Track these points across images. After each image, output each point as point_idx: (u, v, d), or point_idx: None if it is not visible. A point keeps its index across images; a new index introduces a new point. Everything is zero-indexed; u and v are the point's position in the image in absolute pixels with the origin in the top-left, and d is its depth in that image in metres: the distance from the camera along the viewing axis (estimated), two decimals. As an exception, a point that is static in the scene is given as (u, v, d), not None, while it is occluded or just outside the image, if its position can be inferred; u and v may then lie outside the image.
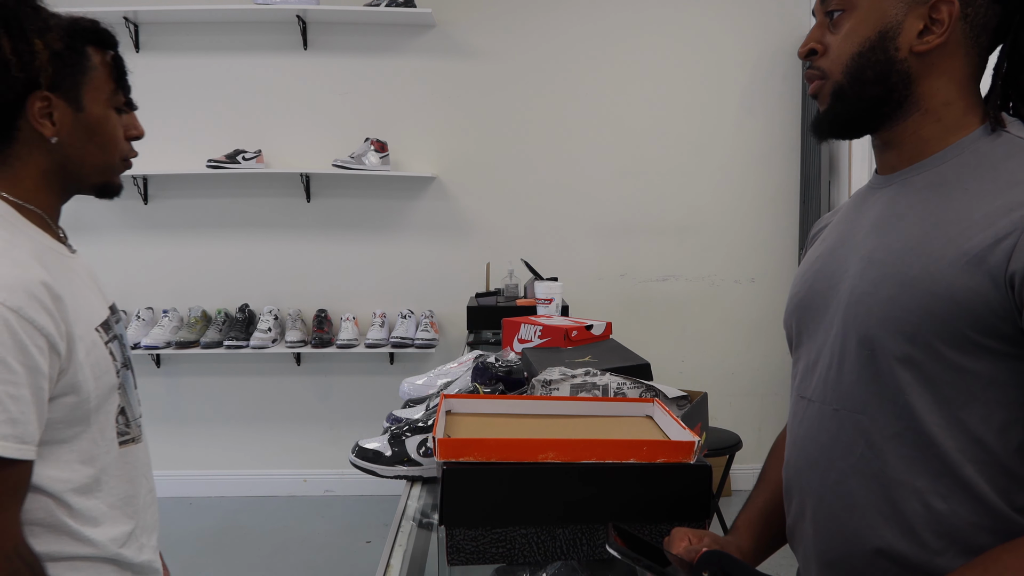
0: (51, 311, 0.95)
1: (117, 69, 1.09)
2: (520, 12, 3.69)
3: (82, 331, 1.00)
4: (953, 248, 0.76)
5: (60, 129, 1.03)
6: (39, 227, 1.06)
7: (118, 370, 1.08)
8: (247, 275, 3.77)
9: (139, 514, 1.12)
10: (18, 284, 0.92)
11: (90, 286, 1.10)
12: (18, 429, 0.91)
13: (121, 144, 1.11)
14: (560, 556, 1.01)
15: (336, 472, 3.81)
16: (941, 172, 0.83)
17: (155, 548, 1.18)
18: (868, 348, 0.81)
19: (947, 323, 0.75)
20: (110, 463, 1.07)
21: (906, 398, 0.78)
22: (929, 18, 0.82)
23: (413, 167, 3.73)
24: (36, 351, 0.92)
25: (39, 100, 1.01)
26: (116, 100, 1.09)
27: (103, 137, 1.08)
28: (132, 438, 1.12)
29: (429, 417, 1.41)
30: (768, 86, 3.71)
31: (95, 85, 1.06)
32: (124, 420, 1.10)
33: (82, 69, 1.04)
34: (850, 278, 0.86)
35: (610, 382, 1.37)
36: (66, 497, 1.01)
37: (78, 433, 1.02)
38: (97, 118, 1.07)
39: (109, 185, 1.13)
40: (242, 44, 3.65)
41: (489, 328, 2.91)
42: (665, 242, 3.80)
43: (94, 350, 1.03)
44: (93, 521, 1.04)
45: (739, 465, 3.69)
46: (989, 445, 0.76)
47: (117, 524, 1.07)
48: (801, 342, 0.95)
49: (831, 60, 0.87)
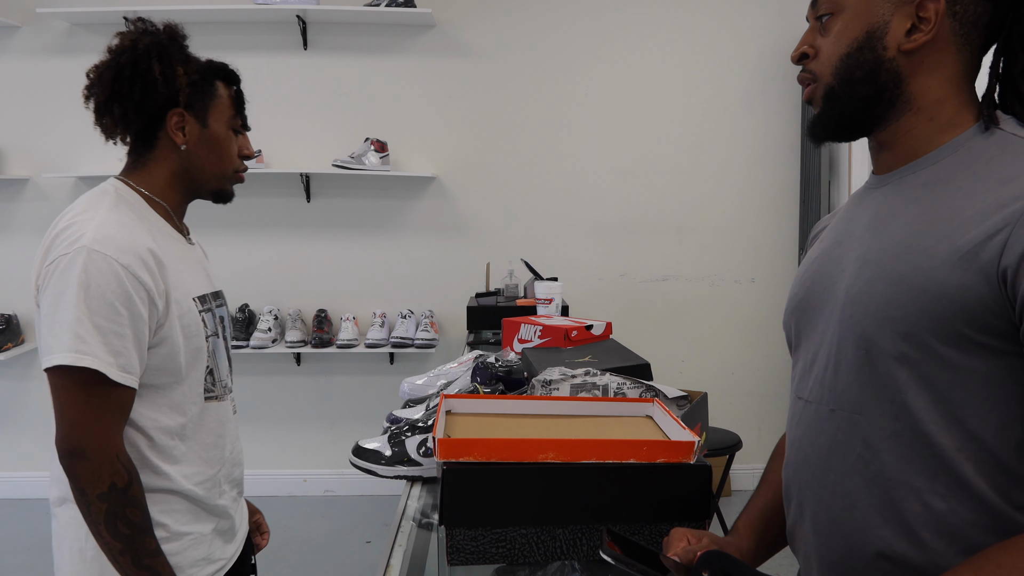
0: (153, 272, 1.20)
1: (238, 100, 1.39)
2: (520, 12, 3.69)
3: (180, 296, 1.25)
4: (946, 245, 0.76)
5: (189, 140, 1.32)
6: (163, 217, 1.33)
7: (207, 336, 1.31)
8: (247, 275, 3.77)
9: (222, 464, 1.35)
10: (130, 247, 1.18)
11: (198, 269, 1.37)
12: (121, 360, 1.16)
13: (235, 159, 1.39)
14: (560, 556, 1.01)
15: (336, 472, 3.81)
16: (935, 171, 0.83)
17: (235, 499, 1.42)
18: (864, 348, 0.81)
19: (942, 321, 0.75)
20: (196, 413, 1.30)
21: (903, 397, 0.78)
22: (916, 16, 0.82)
23: (413, 167, 3.73)
24: (139, 301, 1.18)
25: (176, 115, 1.30)
26: (234, 123, 1.38)
27: (221, 150, 1.36)
28: (216, 396, 1.34)
29: (429, 417, 1.41)
30: (768, 86, 3.71)
31: (219, 109, 1.35)
32: (211, 380, 1.33)
33: (211, 95, 1.34)
34: (846, 278, 0.86)
35: (610, 382, 1.37)
36: (153, 434, 1.24)
37: (171, 383, 1.26)
38: (218, 135, 1.35)
39: (223, 191, 1.41)
40: (242, 44, 3.64)
41: (489, 328, 2.91)
42: (665, 242, 3.80)
43: (188, 314, 1.27)
44: (173, 459, 1.26)
45: (739, 465, 3.69)
46: (987, 443, 0.76)
47: (194, 465, 1.29)
48: (799, 343, 0.95)
49: (822, 63, 0.87)
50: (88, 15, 3.52)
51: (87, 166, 3.59)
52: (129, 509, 1.16)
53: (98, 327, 1.14)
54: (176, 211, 1.37)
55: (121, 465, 1.16)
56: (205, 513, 1.32)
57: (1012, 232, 0.72)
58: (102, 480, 1.14)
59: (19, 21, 3.61)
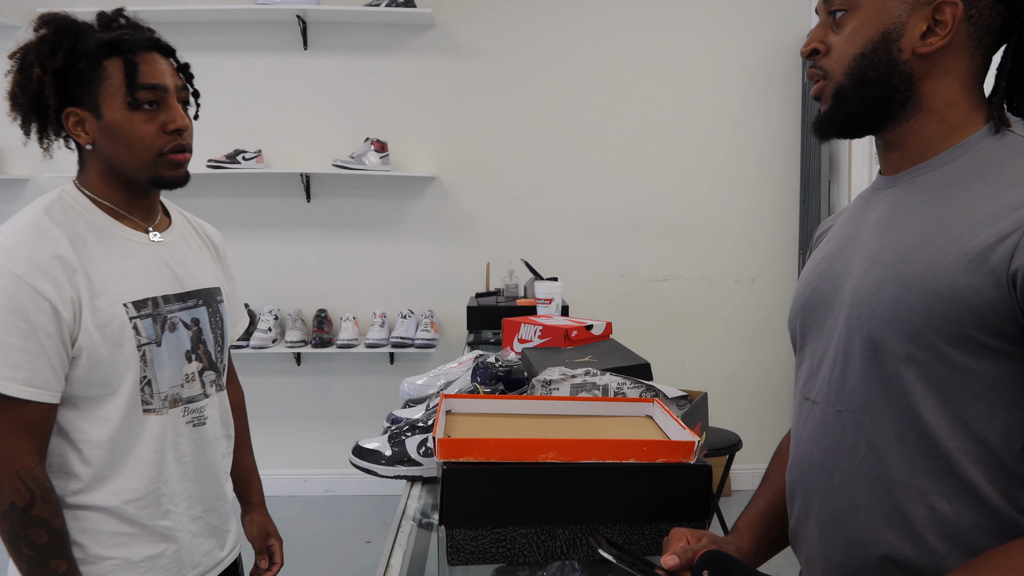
0: (58, 281, 1.12)
1: (130, 71, 1.18)
2: (520, 12, 3.68)
3: (102, 302, 1.16)
4: (956, 247, 0.76)
5: (93, 136, 1.20)
6: (113, 216, 1.24)
7: (140, 344, 1.20)
8: (247, 275, 3.77)
9: (163, 481, 1.24)
10: (28, 256, 1.11)
11: (151, 269, 1.25)
12: (22, 374, 1.09)
13: (150, 140, 1.20)
14: (560, 556, 1.01)
15: (336, 472, 3.81)
16: (945, 172, 0.83)
17: (195, 518, 1.30)
18: (871, 349, 0.81)
19: (950, 323, 0.75)
20: (130, 426, 1.20)
21: (909, 399, 0.78)
22: (932, 19, 0.81)
23: (413, 167, 3.73)
24: (39, 312, 1.10)
25: (72, 116, 1.19)
26: (129, 99, 1.18)
27: (125, 137, 1.19)
28: (154, 409, 1.23)
29: (429, 417, 1.41)
30: (768, 86, 3.71)
31: (110, 92, 1.18)
32: (149, 391, 1.22)
33: (96, 81, 1.18)
34: (853, 279, 0.86)
35: (610, 382, 1.37)
36: (83, 447, 1.18)
37: (102, 395, 1.18)
38: (114, 122, 1.19)
39: (158, 179, 1.24)
40: (242, 44, 3.65)
41: (489, 328, 2.91)
42: (665, 242, 3.80)
43: (112, 321, 1.17)
44: (103, 474, 1.19)
45: (739, 465, 3.69)
46: (993, 446, 0.75)
47: (128, 482, 1.21)
48: (805, 344, 0.95)
49: (833, 60, 0.86)
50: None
51: (87, 166, 3.59)
52: (32, 530, 1.10)
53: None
54: (126, 208, 1.26)
55: (22, 484, 1.10)
56: (141, 537, 1.22)
57: (1023, 236, 0.72)
58: (2, 499, 1.09)
59: (19, 21, 3.61)
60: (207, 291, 1.34)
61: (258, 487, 1.57)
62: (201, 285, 1.33)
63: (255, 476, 1.57)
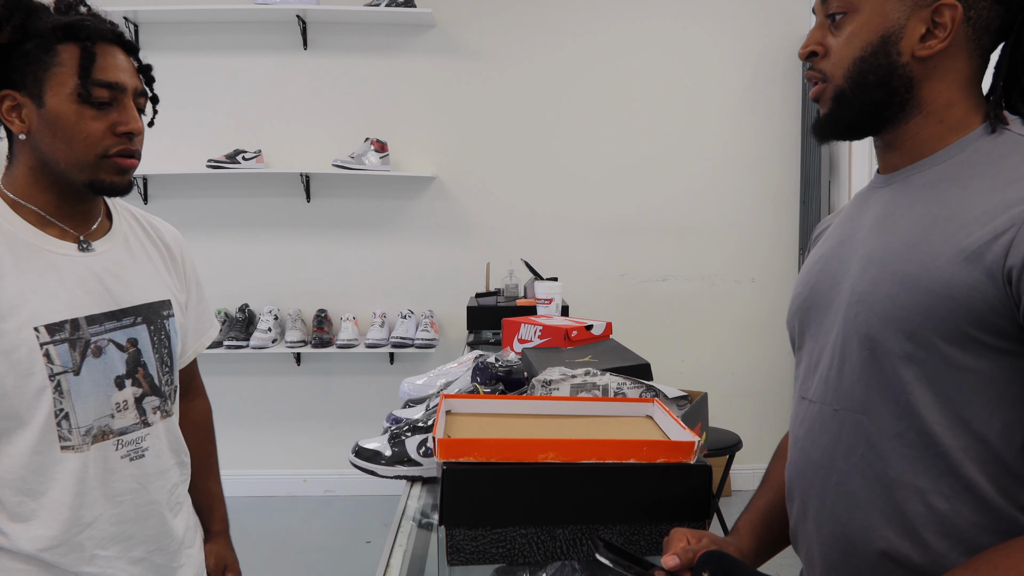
0: None
1: (86, 60, 1.05)
2: (520, 12, 3.69)
3: (7, 326, 1.02)
4: (952, 245, 0.76)
5: (29, 125, 1.06)
6: (31, 223, 1.09)
7: (53, 373, 1.06)
8: (247, 275, 3.77)
9: (84, 526, 1.10)
10: None
11: (76, 285, 1.10)
12: None
13: (95, 139, 1.07)
14: (560, 556, 1.01)
15: (336, 472, 3.81)
16: (941, 170, 0.83)
17: (135, 560, 1.16)
18: (869, 347, 0.81)
19: (946, 320, 0.75)
20: (47, 465, 1.07)
21: (907, 397, 0.78)
22: (931, 21, 0.81)
23: (413, 167, 3.73)
24: None
25: (7, 99, 1.05)
26: (78, 92, 1.05)
27: (66, 132, 1.06)
28: (72, 446, 1.08)
29: (429, 417, 1.41)
30: (768, 86, 3.71)
31: (59, 80, 1.05)
32: (67, 426, 1.08)
33: (44, 65, 1.04)
34: (851, 277, 0.86)
35: (610, 382, 1.37)
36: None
37: (12, 428, 1.05)
38: (57, 112, 1.05)
39: (96, 183, 1.10)
40: (242, 44, 3.65)
41: (489, 328, 2.90)
42: (665, 242, 3.80)
43: (19, 348, 1.03)
44: (17, 517, 1.06)
45: (739, 465, 3.68)
46: (992, 444, 0.75)
47: (47, 526, 1.07)
48: (803, 343, 0.95)
49: (832, 63, 0.86)
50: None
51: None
52: None
53: None
54: (55, 212, 1.11)
55: None
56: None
57: (1018, 232, 0.72)
58: None
59: (19, 21, 3.61)
60: (149, 306, 1.18)
61: (220, 514, 1.42)
62: (141, 300, 1.17)
63: (219, 502, 1.42)
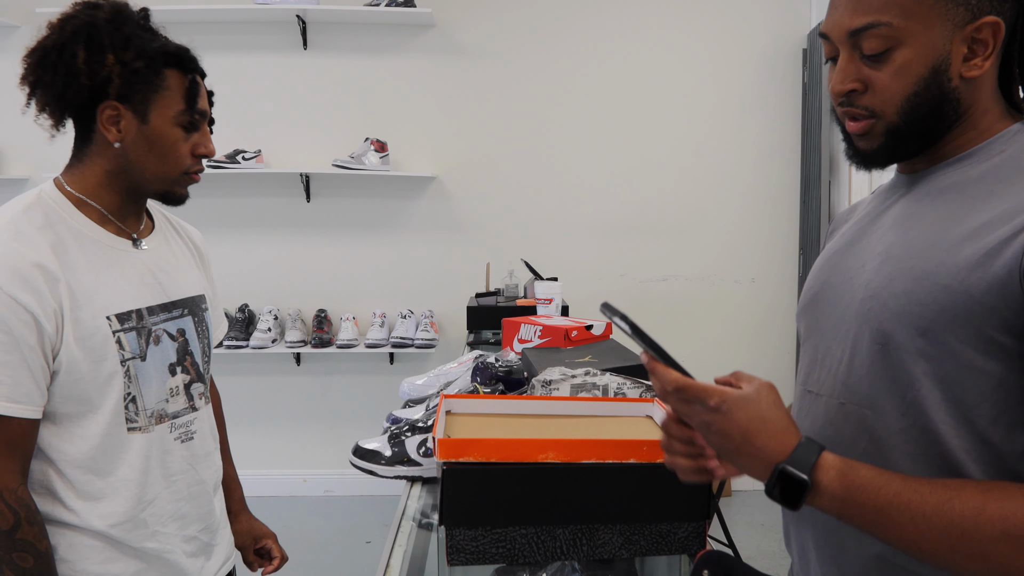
0: (39, 291, 1.06)
1: (191, 91, 1.18)
2: (520, 12, 3.68)
3: (84, 315, 1.10)
4: (971, 243, 0.76)
5: (124, 136, 1.15)
6: (94, 220, 1.18)
7: (124, 359, 1.14)
8: (247, 275, 3.77)
9: (148, 503, 1.19)
10: (9, 264, 1.05)
11: (135, 278, 1.19)
12: (3, 389, 1.04)
13: (184, 159, 1.20)
14: (560, 556, 1.01)
15: (336, 472, 3.80)
16: (964, 171, 0.83)
17: (190, 538, 1.26)
18: (880, 342, 0.81)
19: (961, 318, 0.75)
20: (116, 446, 1.15)
21: (915, 394, 0.78)
22: (971, 39, 0.80)
23: (413, 167, 3.73)
24: (20, 323, 1.05)
25: (109, 109, 1.13)
26: (182, 119, 1.18)
27: (163, 149, 1.17)
28: (139, 427, 1.17)
29: (429, 417, 1.41)
30: (768, 86, 3.71)
31: (165, 103, 1.16)
32: (134, 408, 1.17)
33: (154, 87, 1.14)
34: (867, 273, 0.86)
35: (610, 382, 1.37)
36: (63, 467, 1.12)
37: (83, 412, 1.12)
38: (161, 133, 1.16)
39: (169, 194, 1.22)
40: (242, 44, 3.65)
41: (489, 328, 2.91)
42: (665, 242, 3.80)
43: (94, 335, 1.11)
44: (87, 496, 1.13)
45: (739, 465, 3.68)
46: (996, 447, 0.75)
47: (112, 505, 1.15)
48: (809, 335, 0.95)
49: (882, 100, 0.82)
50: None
51: (87, 166, 3.58)
52: (17, 554, 1.05)
53: None
54: (116, 212, 1.20)
55: (6, 505, 1.04)
56: (125, 557, 1.17)
57: None
58: None
59: (19, 21, 3.61)
60: (192, 299, 1.28)
61: (239, 494, 1.51)
62: (186, 293, 1.28)
63: (236, 483, 1.50)
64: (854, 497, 0.73)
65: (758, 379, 0.80)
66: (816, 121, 3.54)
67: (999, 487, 0.72)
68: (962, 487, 0.72)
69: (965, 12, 0.79)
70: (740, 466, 0.78)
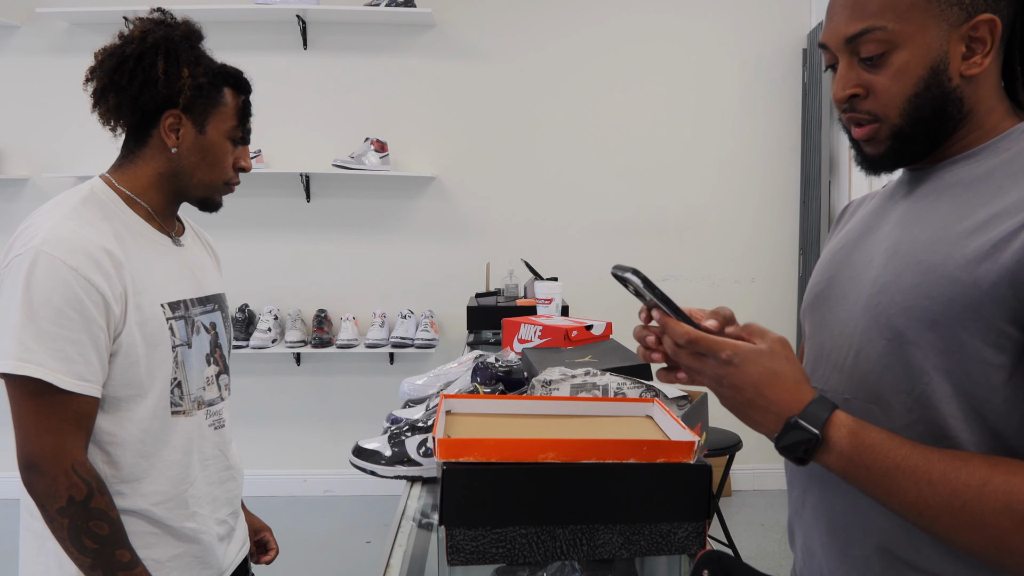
0: (109, 274, 1.14)
1: (244, 110, 1.32)
2: (520, 12, 3.69)
3: (143, 301, 1.19)
4: (979, 235, 0.76)
5: (182, 143, 1.26)
6: (143, 217, 1.27)
7: (175, 346, 1.23)
8: (247, 275, 3.77)
9: (189, 483, 1.27)
10: (81, 248, 1.12)
11: (180, 272, 1.30)
12: (75, 367, 1.10)
13: (228, 170, 1.33)
14: (560, 556, 1.01)
15: (336, 472, 3.81)
16: (971, 167, 0.83)
17: (221, 521, 1.34)
18: (887, 337, 0.81)
19: (970, 310, 0.74)
20: (159, 428, 1.22)
21: (923, 388, 0.78)
22: (968, 37, 0.80)
23: (413, 167, 3.73)
24: (91, 304, 1.11)
25: (172, 116, 1.24)
26: (234, 134, 1.31)
27: (213, 159, 1.29)
28: (184, 411, 1.26)
29: (429, 417, 1.41)
30: (768, 86, 3.71)
31: (221, 117, 1.29)
32: (180, 393, 1.25)
33: (215, 101, 1.27)
34: (874, 268, 0.86)
35: (610, 382, 1.37)
36: (110, 449, 1.18)
37: (132, 396, 1.19)
38: (214, 143, 1.29)
39: (209, 200, 1.35)
40: (242, 44, 3.65)
41: (489, 328, 2.91)
42: (665, 242, 3.80)
43: (151, 321, 1.20)
44: (132, 477, 1.20)
45: (739, 465, 3.69)
46: (1007, 440, 0.75)
47: (156, 484, 1.22)
48: (813, 331, 0.95)
49: (884, 104, 0.83)
50: (88, 15, 3.52)
51: (87, 166, 3.59)
52: (93, 522, 1.11)
53: (45, 333, 1.08)
54: (160, 212, 1.30)
55: (79, 477, 1.10)
56: (167, 537, 1.24)
57: None
58: (59, 495, 1.09)
59: (19, 21, 3.61)
60: (219, 296, 1.39)
61: None
62: (215, 291, 1.39)
63: None
64: (863, 457, 0.74)
65: (771, 333, 0.79)
66: (816, 121, 3.54)
67: (1006, 462, 0.72)
68: (970, 458, 0.72)
69: (960, 11, 0.79)
70: (751, 421, 0.78)
